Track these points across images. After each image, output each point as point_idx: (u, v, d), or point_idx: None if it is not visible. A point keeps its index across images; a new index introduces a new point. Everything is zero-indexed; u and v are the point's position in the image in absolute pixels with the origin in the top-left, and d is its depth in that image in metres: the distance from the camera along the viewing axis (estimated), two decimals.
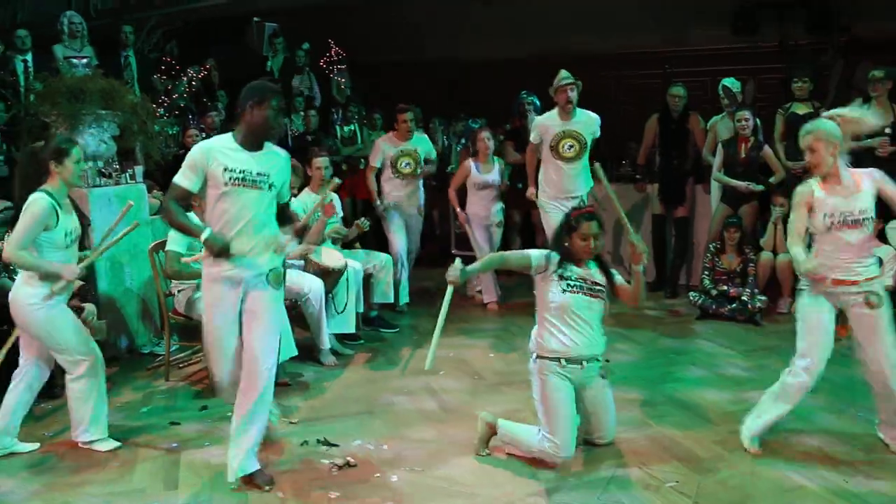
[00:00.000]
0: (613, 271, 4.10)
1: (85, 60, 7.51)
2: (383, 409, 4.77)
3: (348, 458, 4.00)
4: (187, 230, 3.84)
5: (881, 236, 6.41)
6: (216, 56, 9.21)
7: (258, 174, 3.63)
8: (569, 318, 3.85)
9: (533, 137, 6.51)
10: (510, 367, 5.43)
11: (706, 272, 6.64)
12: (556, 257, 3.92)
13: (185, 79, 8.56)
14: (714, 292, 6.52)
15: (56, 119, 5.86)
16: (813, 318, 3.85)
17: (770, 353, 5.57)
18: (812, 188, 3.80)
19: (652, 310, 6.96)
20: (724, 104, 7.23)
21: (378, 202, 7.03)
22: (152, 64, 8.63)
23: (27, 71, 7.36)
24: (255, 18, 9.88)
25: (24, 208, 3.89)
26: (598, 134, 6.38)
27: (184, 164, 3.62)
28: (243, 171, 3.59)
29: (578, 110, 6.32)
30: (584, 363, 3.87)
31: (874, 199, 3.75)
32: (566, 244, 3.93)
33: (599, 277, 3.99)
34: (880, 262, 4.10)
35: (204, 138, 7.12)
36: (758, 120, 6.88)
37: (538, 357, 3.90)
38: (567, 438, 3.74)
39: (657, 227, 7.58)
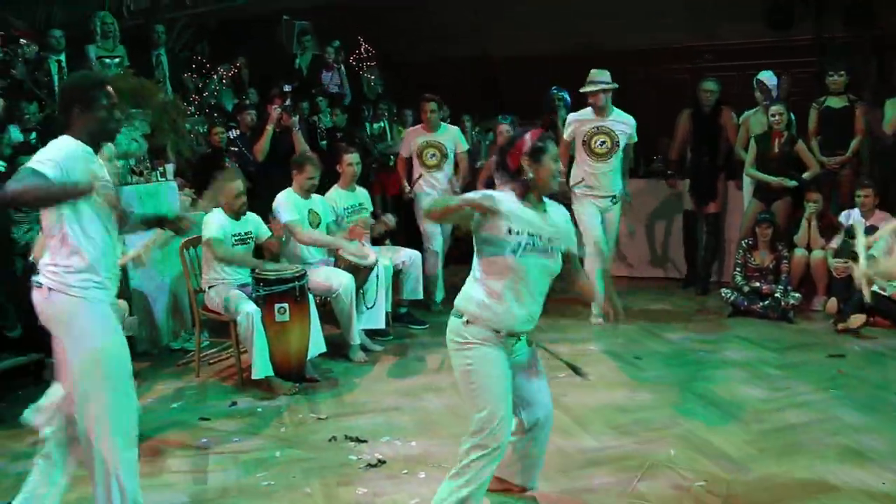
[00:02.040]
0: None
1: (117, 60, 7.58)
2: (412, 405, 4.77)
3: (376, 455, 4.01)
4: None
5: None
6: (246, 54, 9.26)
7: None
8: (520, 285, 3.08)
9: (566, 134, 6.46)
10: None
11: (738, 269, 6.56)
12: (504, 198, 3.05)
13: (215, 77, 8.62)
14: (746, 289, 6.44)
15: None
16: None
17: (803, 351, 5.50)
18: None
19: (682, 307, 6.89)
20: (758, 98, 7.13)
21: (407, 188, 7.04)
22: (183, 63, 8.69)
23: (61, 71, 7.44)
24: (285, 16, 9.91)
25: None
26: (634, 137, 6.33)
27: None
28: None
29: (615, 109, 6.27)
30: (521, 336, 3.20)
31: None
32: (528, 175, 3.05)
33: (559, 227, 3.19)
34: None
35: (237, 137, 7.23)
36: (791, 115, 6.78)
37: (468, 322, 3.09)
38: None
39: (688, 224, 7.50)
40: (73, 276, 2.96)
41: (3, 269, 5.40)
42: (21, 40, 7.42)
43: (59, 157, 2.87)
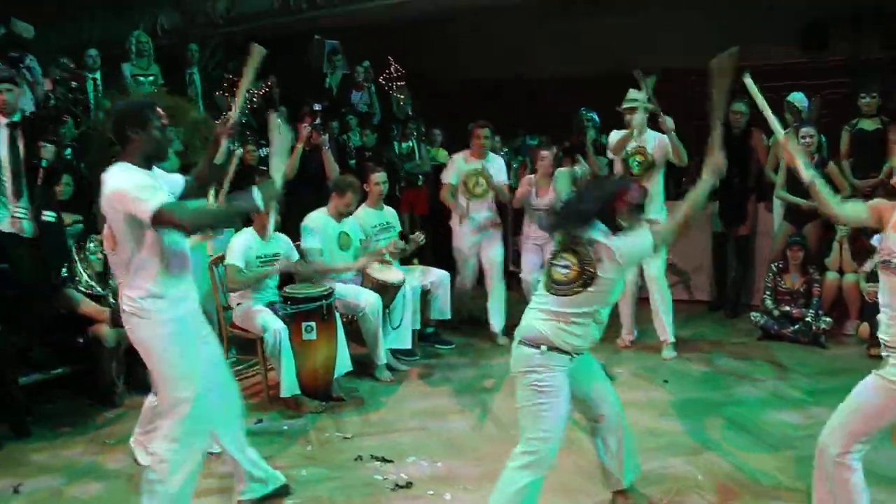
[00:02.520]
0: None
1: (151, 78, 7.72)
2: (438, 426, 4.76)
3: (402, 475, 4.00)
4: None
5: None
6: (277, 73, 9.36)
7: None
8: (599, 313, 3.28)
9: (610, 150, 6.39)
10: None
11: (768, 292, 6.49)
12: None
13: (247, 95, 8.71)
14: (776, 313, 6.37)
15: None
16: None
17: (835, 377, 5.40)
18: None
19: (711, 330, 6.83)
20: (789, 120, 7.07)
21: (461, 208, 6.62)
22: (215, 81, 8.81)
23: (97, 89, 7.58)
24: (316, 36, 10.02)
25: None
26: (670, 156, 6.19)
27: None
28: None
29: (650, 131, 6.19)
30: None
31: None
32: (610, 213, 3.23)
33: None
34: None
35: (263, 156, 7.29)
36: (822, 137, 6.72)
37: (549, 349, 3.18)
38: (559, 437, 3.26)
39: (718, 246, 7.43)
40: (148, 301, 3.16)
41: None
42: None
43: (144, 184, 3.03)
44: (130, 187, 3.00)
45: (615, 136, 6.26)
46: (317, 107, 7.82)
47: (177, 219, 2.99)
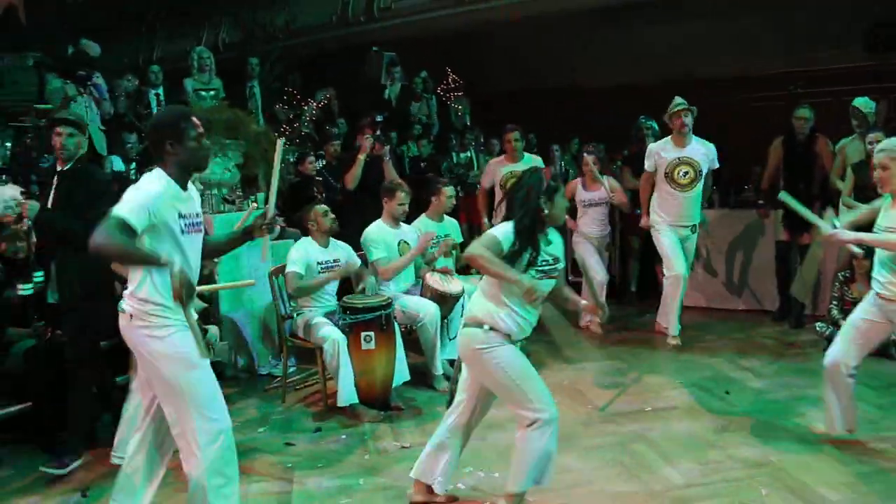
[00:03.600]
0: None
1: (212, 92, 7.89)
2: (494, 436, 4.72)
3: (458, 485, 4.00)
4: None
5: None
6: (336, 85, 9.49)
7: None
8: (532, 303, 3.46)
9: (648, 165, 6.44)
10: (625, 398, 5.31)
11: (834, 302, 6.31)
12: (518, 236, 3.41)
13: (306, 107, 8.85)
14: (843, 323, 6.18)
15: None
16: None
17: None
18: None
19: (774, 340, 6.67)
20: (855, 125, 6.89)
21: (486, 221, 7.01)
22: (275, 94, 8.97)
23: (160, 104, 7.78)
24: (374, 48, 10.13)
25: None
26: (716, 164, 6.28)
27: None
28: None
29: (694, 138, 6.19)
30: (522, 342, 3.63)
31: None
32: (544, 211, 3.45)
33: (559, 251, 3.64)
34: None
35: (323, 167, 7.38)
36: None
37: (491, 329, 3.47)
38: (547, 395, 3.59)
39: (781, 255, 7.27)
40: (150, 306, 3.09)
41: None
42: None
43: (148, 201, 3.00)
44: (135, 192, 3.01)
45: (653, 149, 6.43)
46: (378, 118, 7.90)
47: (101, 226, 2.89)
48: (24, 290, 4.79)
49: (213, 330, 5.46)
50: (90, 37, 6.91)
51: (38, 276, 4.86)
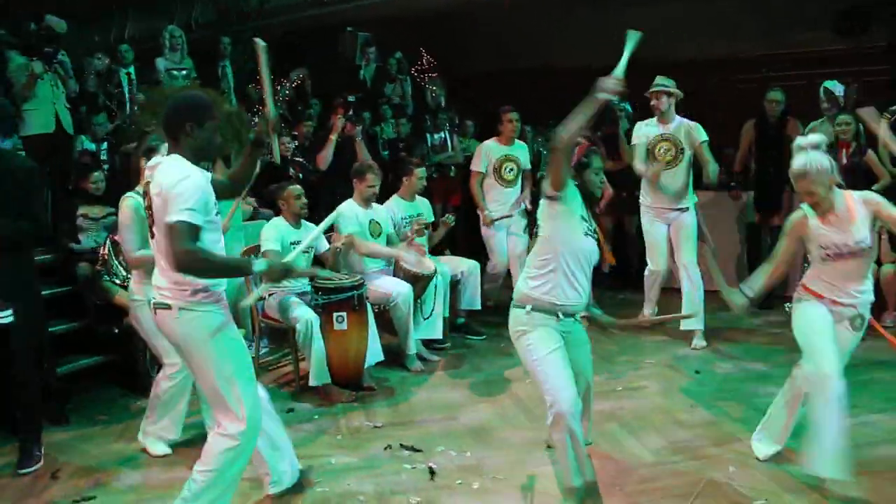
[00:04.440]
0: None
1: (184, 72, 7.79)
2: (467, 416, 4.77)
3: (431, 464, 4.01)
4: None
5: None
6: (310, 66, 9.41)
7: None
8: (586, 266, 3.43)
9: (634, 141, 6.38)
10: (596, 377, 5.34)
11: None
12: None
13: (280, 87, 8.77)
14: None
15: (156, 128, 6.08)
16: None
17: (872, 369, 5.31)
18: (805, 216, 3.65)
19: (743, 321, 6.72)
20: (824, 108, 6.95)
21: (488, 211, 6.68)
22: (248, 74, 8.88)
23: (131, 83, 7.68)
24: (348, 28, 10.06)
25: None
26: (700, 136, 6.08)
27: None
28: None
29: (678, 117, 6.16)
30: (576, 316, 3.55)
31: (871, 224, 3.56)
32: (579, 183, 3.48)
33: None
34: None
35: (296, 147, 7.33)
36: (861, 124, 6.58)
37: (533, 309, 3.39)
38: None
39: (752, 236, 7.35)
40: (199, 294, 3.12)
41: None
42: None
43: (198, 200, 2.97)
44: (187, 189, 2.95)
45: (639, 131, 6.26)
46: (350, 98, 7.86)
47: (178, 244, 2.91)
48: None
49: None
50: (60, 14, 6.77)
51: None
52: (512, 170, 6.69)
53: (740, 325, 6.56)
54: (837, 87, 6.89)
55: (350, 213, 5.71)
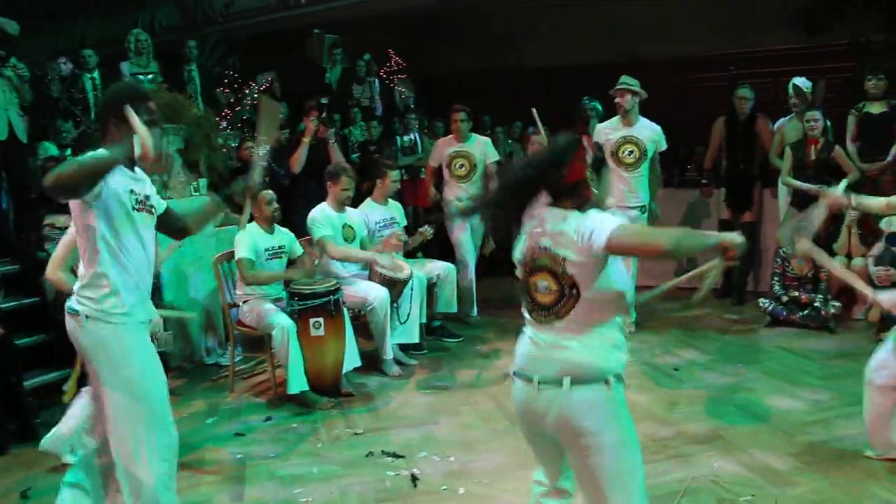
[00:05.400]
0: None
1: (150, 76, 7.67)
2: (448, 420, 4.73)
3: (414, 470, 3.97)
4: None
5: None
6: (278, 69, 9.33)
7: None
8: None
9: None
10: None
11: (776, 278, 6.45)
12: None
13: (248, 91, 8.68)
14: (785, 298, 6.33)
15: None
16: None
17: (845, 361, 5.37)
18: None
19: (719, 317, 6.79)
20: (793, 104, 7.02)
21: (438, 197, 7.15)
22: (215, 78, 8.77)
23: (95, 88, 7.55)
24: (316, 30, 9.98)
25: None
26: (662, 145, 6.25)
27: None
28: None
29: (641, 118, 6.22)
30: None
31: None
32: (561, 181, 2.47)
33: None
34: None
35: (265, 152, 7.22)
36: (828, 121, 6.67)
37: (616, 377, 2.42)
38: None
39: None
40: (108, 301, 2.86)
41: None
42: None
43: (89, 159, 2.66)
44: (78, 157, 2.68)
45: (601, 129, 6.29)
46: (323, 100, 7.79)
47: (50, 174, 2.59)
48: None
49: (157, 320, 5.30)
50: (17, 17, 6.58)
51: None
52: (463, 165, 6.91)
53: (716, 322, 6.62)
54: (806, 84, 6.97)
55: (323, 217, 5.66)
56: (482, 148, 6.98)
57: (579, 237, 2.33)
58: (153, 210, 3.06)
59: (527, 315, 2.54)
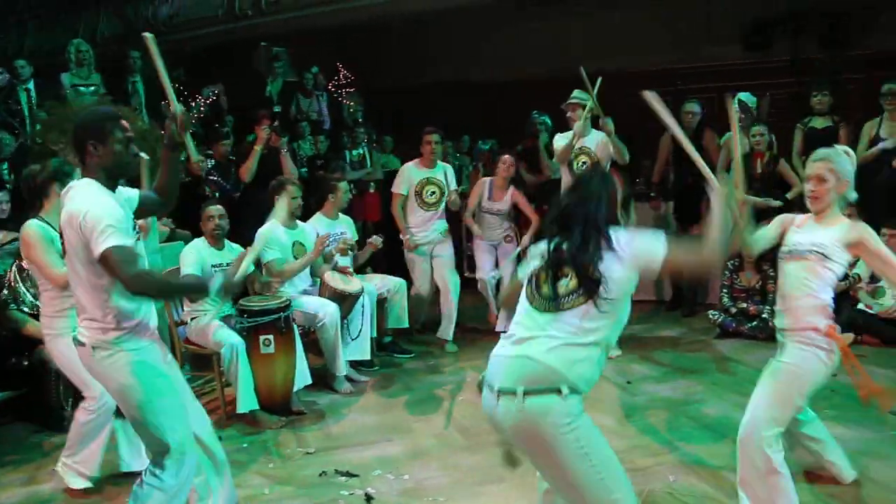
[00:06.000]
0: None
1: (92, 88, 7.48)
2: (402, 437, 4.66)
3: (369, 489, 3.90)
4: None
5: None
6: (224, 82, 9.19)
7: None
8: None
9: (556, 157, 6.42)
10: None
11: (725, 290, 6.54)
12: None
13: (194, 104, 8.53)
14: (733, 310, 6.42)
15: (65, 147, 5.81)
16: None
17: None
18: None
19: (669, 330, 6.84)
20: (740, 119, 7.13)
21: (410, 235, 6.52)
22: (160, 90, 8.59)
23: (30, 100, 7.33)
24: (263, 43, 9.86)
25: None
26: (614, 156, 6.23)
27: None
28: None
29: (593, 130, 6.23)
30: None
31: (843, 246, 3.33)
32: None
33: None
34: None
35: (213, 165, 7.10)
36: (772, 135, 6.79)
37: (571, 389, 2.46)
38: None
39: None
40: (114, 333, 2.94)
41: None
42: None
43: (115, 215, 2.83)
44: (97, 216, 2.79)
45: (560, 141, 6.26)
46: (276, 109, 7.69)
47: (122, 272, 2.78)
48: None
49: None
50: None
51: None
52: (433, 193, 6.54)
53: (667, 334, 6.67)
54: (751, 99, 7.10)
55: (272, 236, 5.52)
56: (449, 173, 6.63)
57: (626, 245, 2.50)
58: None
59: (524, 301, 2.59)
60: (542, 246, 2.65)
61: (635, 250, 2.51)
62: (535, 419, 2.40)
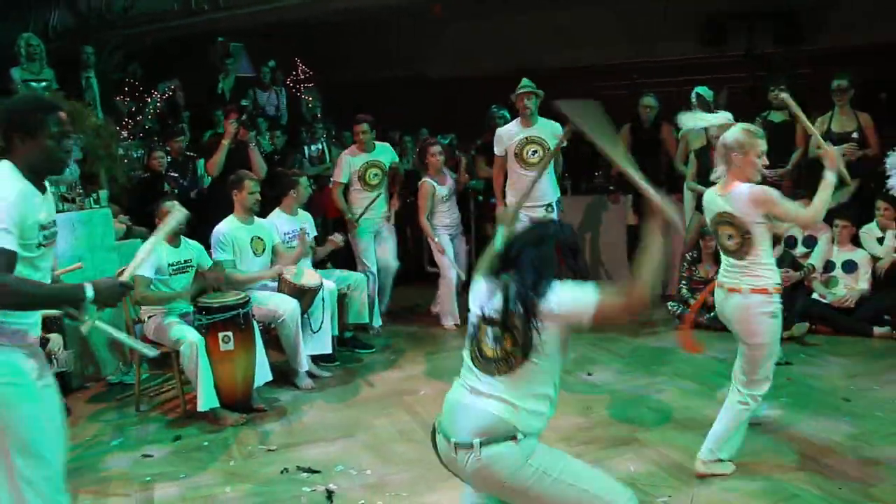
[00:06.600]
0: None
1: (44, 83, 7.32)
2: (364, 432, 4.65)
3: (331, 486, 3.88)
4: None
5: (855, 240, 6.45)
6: (180, 77, 9.07)
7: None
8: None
9: (498, 151, 6.49)
10: None
11: (683, 281, 6.61)
12: None
13: (150, 100, 8.41)
14: (692, 301, 6.49)
15: None
16: None
17: None
18: None
19: (630, 320, 6.90)
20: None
21: (350, 215, 6.76)
22: (114, 85, 8.45)
23: None
24: (220, 38, 9.75)
25: None
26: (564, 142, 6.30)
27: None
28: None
29: (540, 118, 6.31)
30: None
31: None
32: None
33: None
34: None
35: (170, 162, 7.01)
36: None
37: (525, 435, 2.44)
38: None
39: (632, 238, 7.52)
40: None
41: None
42: None
43: (12, 212, 2.47)
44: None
45: (501, 133, 6.43)
46: (244, 102, 7.60)
47: None
48: None
49: (56, 338, 5.06)
50: None
51: None
52: (377, 174, 6.81)
53: (627, 325, 6.70)
54: (708, 93, 7.18)
55: (228, 236, 5.46)
56: (388, 153, 6.96)
57: (556, 305, 2.41)
58: (55, 240, 2.80)
59: (466, 360, 2.61)
60: (483, 286, 2.60)
61: (564, 309, 2.42)
62: (491, 465, 2.44)
